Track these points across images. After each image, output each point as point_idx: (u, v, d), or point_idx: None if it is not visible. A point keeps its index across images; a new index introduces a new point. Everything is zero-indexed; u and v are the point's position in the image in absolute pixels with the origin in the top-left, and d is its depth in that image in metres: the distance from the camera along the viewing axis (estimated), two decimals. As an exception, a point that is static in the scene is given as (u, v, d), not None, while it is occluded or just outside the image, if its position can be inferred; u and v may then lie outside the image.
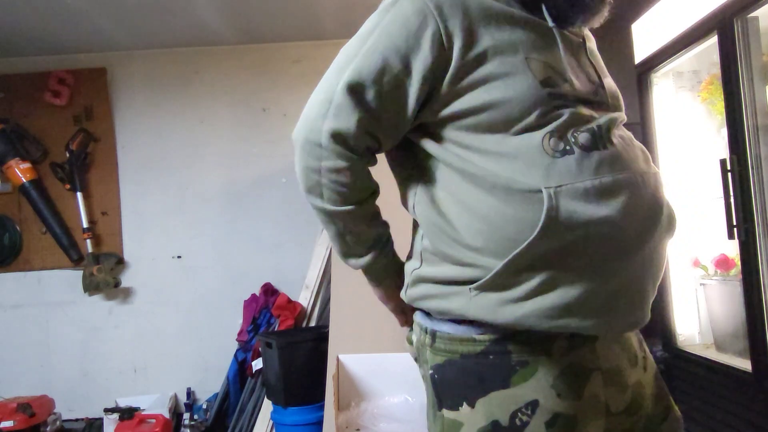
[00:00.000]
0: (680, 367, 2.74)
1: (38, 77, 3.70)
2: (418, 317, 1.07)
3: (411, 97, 0.95)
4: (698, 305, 2.79)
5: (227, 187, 3.75)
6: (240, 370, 3.40)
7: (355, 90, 0.94)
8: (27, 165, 3.57)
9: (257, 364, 3.16)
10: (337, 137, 0.95)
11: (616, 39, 2.93)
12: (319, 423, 2.72)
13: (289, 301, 3.38)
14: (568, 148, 0.92)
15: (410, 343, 1.13)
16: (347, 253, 1.09)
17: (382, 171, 1.18)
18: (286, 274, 3.64)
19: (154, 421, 3.17)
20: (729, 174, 2.21)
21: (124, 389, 3.63)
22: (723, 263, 2.52)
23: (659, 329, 2.87)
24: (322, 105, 0.97)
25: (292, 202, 3.72)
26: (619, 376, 0.99)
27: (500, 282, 0.90)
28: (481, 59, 0.93)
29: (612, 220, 0.89)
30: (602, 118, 0.96)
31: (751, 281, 2.17)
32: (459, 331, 0.96)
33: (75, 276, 3.64)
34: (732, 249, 2.39)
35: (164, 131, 3.77)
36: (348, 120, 0.95)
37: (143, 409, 3.26)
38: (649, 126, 2.89)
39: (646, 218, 0.94)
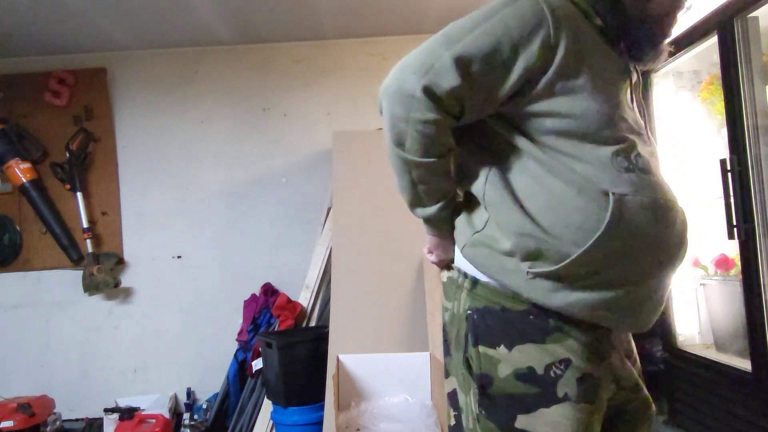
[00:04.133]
0: (680, 367, 2.74)
1: (38, 77, 3.70)
2: (459, 261, 1.19)
3: (507, 84, 1.06)
4: (698, 305, 2.80)
5: (227, 187, 3.75)
6: (240, 370, 3.40)
7: (462, 62, 1.04)
8: (27, 165, 3.57)
9: (257, 364, 3.16)
10: (432, 94, 1.05)
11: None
12: (319, 423, 2.72)
13: (289, 301, 3.38)
14: (630, 167, 1.07)
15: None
16: (415, 203, 1.19)
17: (386, 174, 1.25)
18: (286, 274, 3.64)
19: (154, 421, 3.17)
20: (729, 174, 2.22)
21: (124, 389, 3.63)
22: (723, 263, 2.52)
23: (659, 329, 2.87)
24: (423, 65, 1.05)
25: (292, 202, 3.72)
26: (623, 360, 1.17)
27: (558, 273, 1.03)
28: (576, 72, 1.06)
29: (656, 237, 1.06)
30: (649, 148, 1.14)
31: (751, 281, 2.17)
32: (505, 287, 1.10)
33: (75, 276, 3.64)
34: (732, 249, 2.40)
35: (164, 131, 3.77)
36: (446, 83, 1.04)
37: (143, 409, 3.26)
38: (649, 126, 2.89)
39: (675, 245, 1.10)
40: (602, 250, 1.02)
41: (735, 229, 2.19)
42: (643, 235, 1.05)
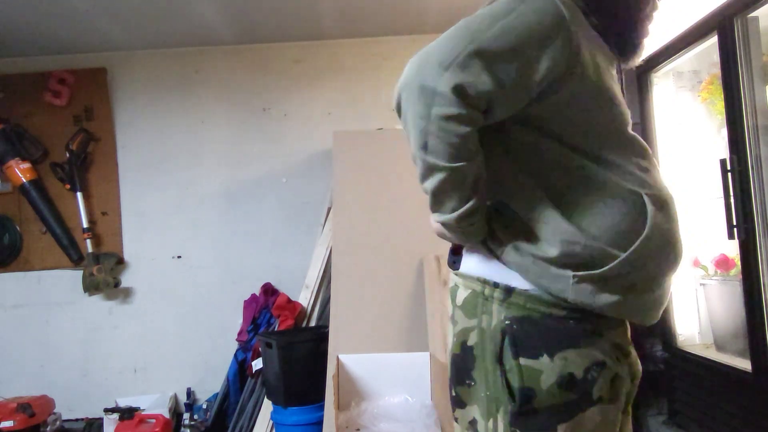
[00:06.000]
0: (680, 367, 2.74)
1: (38, 77, 3.70)
2: (484, 271, 1.14)
3: (532, 82, 1.03)
4: (698, 305, 2.80)
5: (227, 187, 3.75)
6: (240, 370, 3.40)
7: (485, 56, 0.99)
8: (27, 165, 3.57)
9: (257, 364, 3.16)
10: (456, 88, 0.98)
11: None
12: (319, 423, 2.72)
13: (289, 301, 3.38)
14: (645, 166, 1.10)
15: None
16: (436, 208, 1.10)
17: (386, 174, 1.21)
18: (286, 274, 3.64)
19: (154, 421, 3.17)
20: (729, 174, 2.22)
21: (124, 389, 3.63)
22: (723, 263, 2.52)
23: (659, 329, 2.87)
24: (446, 57, 1.00)
25: (292, 202, 3.72)
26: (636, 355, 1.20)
27: (604, 275, 1.04)
28: (595, 73, 1.06)
29: (671, 232, 1.09)
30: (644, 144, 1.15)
31: (751, 281, 2.17)
32: (546, 294, 1.08)
33: (75, 276, 3.64)
34: (732, 249, 2.40)
35: (164, 131, 3.77)
36: (471, 77, 0.99)
37: (143, 409, 3.26)
38: (649, 126, 2.89)
39: (680, 239, 1.13)
40: (642, 250, 1.05)
41: (735, 229, 2.19)
42: (665, 232, 1.08)
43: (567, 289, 1.05)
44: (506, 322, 1.08)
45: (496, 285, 1.11)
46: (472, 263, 1.16)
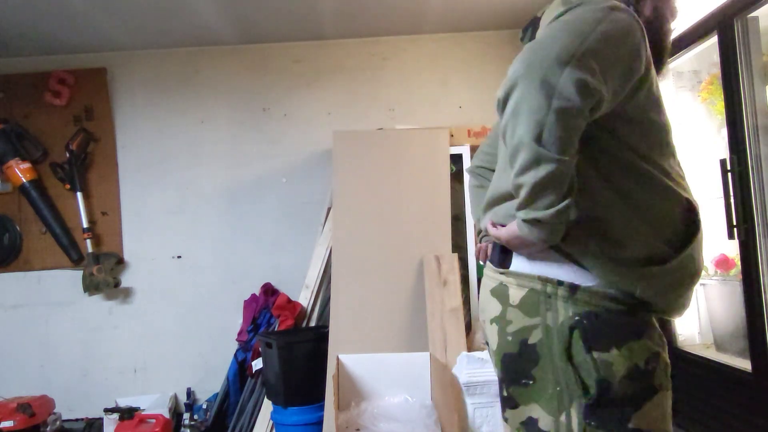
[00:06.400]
0: (680, 367, 2.74)
1: (38, 77, 3.70)
2: (544, 270, 1.18)
3: (628, 83, 1.10)
4: (698, 305, 2.79)
5: (227, 187, 3.75)
6: (240, 370, 3.40)
7: (597, 56, 1.04)
8: (27, 165, 3.57)
9: (257, 364, 3.16)
10: (580, 83, 1.01)
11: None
12: (319, 423, 2.72)
13: (289, 301, 3.38)
14: (682, 174, 1.21)
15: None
16: (530, 202, 1.08)
17: (386, 174, 1.21)
18: (286, 274, 3.64)
19: (154, 421, 3.17)
20: (729, 174, 2.22)
21: (124, 389, 3.63)
22: (723, 263, 2.52)
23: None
24: (564, 54, 1.02)
25: (292, 202, 3.72)
26: None
27: (666, 271, 1.14)
28: (655, 83, 1.15)
29: (701, 236, 1.20)
30: None
31: (751, 281, 2.17)
32: (612, 290, 1.14)
33: (75, 276, 3.64)
34: (732, 249, 2.39)
35: (164, 131, 3.77)
36: (589, 74, 1.02)
37: (143, 409, 3.26)
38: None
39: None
40: (693, 251, 1.16)
41: (735, 229, 2.19)
42: (702, 235, 1.21)
43: (636, 285, 1.13)
44: (576, 318, 1.13)
45: (560, 283, 1.15)
46: (526, 262, 1.20)
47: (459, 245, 3.14)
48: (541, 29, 1.25)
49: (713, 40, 2.34)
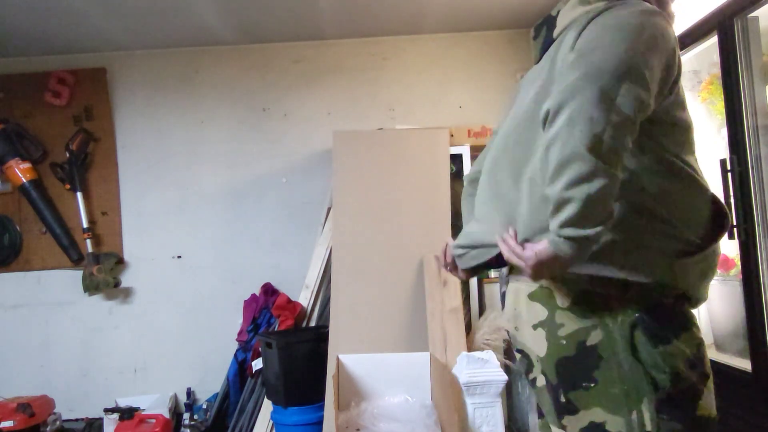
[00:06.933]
0: (680, 367, 2.73)
1: (38, 77, 3.70)
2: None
3: (666, 88, 1.13)
4: (698, 305, 2.79)
5: (227, 187, 3.75)
6: (240, 370, 3.40)
7: (649, 67, 1.06)
8: (27, 165, 3.57)
9: (257, 364, 3.16)
10: (637, 99, 1.03)
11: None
12: (319, 423, 2.72)
13: (289, 301, 3.38)
14: (700, 169, 1.23)
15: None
16: (582, 220, 1.04)
17: (386, 174, 1.20)
18: (286, 274, 3.64)
19: (154, 421, 3.17)
20: (729, 174, 2.21)
21: (124, 389, 3.62)
22: (723, 263, 2.52)
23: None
24: (620, 68, 1.03)
25: (292, 202, 3.72)
26: None
27: (701, 261, 1.18)
28: (681, 83, 1.18)
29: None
30: None
31: (751, 281, 2.17)
32: (660, 285, 1.16)
33: (75, 276, 3.64)
34: (732, 249, 2.39)
35: (164, 131, 3.77)
36: (643, 89, 1.04)
37: (143, 409, 3.26)
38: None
39: None
40: (718, 245, 1.21)
41: (735, 229, 2.19)
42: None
43: (678, 278, 1.16)
44: (635, 315, 1.14)
45: (610, 281, 1.14)
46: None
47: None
48: (558, 29, 1.24)
49: (713, 40, 2.34)
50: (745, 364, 2.27)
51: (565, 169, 1.01)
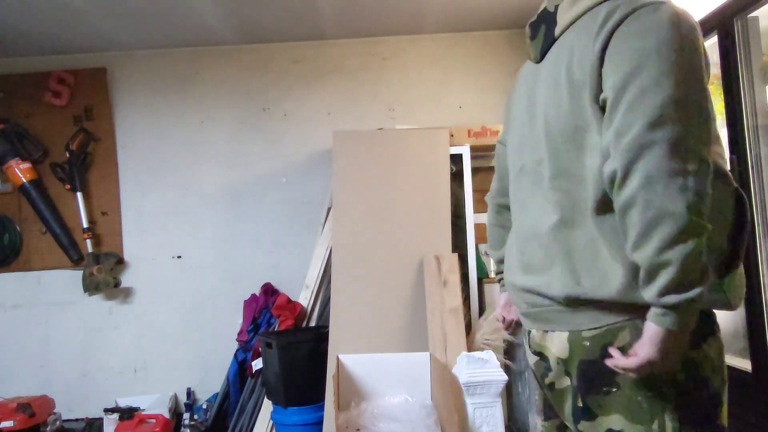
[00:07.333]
0: (680, 367, 2.74)
1: (38, 77, 3.70)
2: None
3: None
4: (698, 305, 2.78)
5: (227, 187, 3.75)
6: (240, 370, 3.40)
7: (706, 89, 1.04)
8: (27, 165, 3.57)
9: (257, 364, 3.16)
10: (707, 133, 1.00)
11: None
12: (319, 423, 2.72)
13: (289, 301, 3.38)
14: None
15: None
16: (696, 281, 0.97)
17: (386, 174, 1.17)
18: (286, 274, 3.65)
19: (154, 421, 3.17)
20: (729, 174, 2.21)
21: (124, 389, 3.63)
22: (723, 263, 2.52)
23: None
24: (679, 110, 0.98)
25: (292, 202, 3.72)
26: None
27: (731, 265, 1.10)
28: None
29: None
30: None
31: (751, 281, 2.17)
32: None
33: (75, 276, 3.64)
34: (732, 249, 2.39)
35: (164, 131, 3.77)
36: (709, 117, 1.01)
37: (143, 409, 3.26)
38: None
39: None
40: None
41: (735, 229, 2.19)
42: None
43: (734, 292, 1.12)
44: None
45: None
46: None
47: (459, 245, 3.14)
48: (560, 27, 1.20)
49: (713, 40, 2.34)
50: (745, 364, 2.27)
51: (653, 232, 0.95)
